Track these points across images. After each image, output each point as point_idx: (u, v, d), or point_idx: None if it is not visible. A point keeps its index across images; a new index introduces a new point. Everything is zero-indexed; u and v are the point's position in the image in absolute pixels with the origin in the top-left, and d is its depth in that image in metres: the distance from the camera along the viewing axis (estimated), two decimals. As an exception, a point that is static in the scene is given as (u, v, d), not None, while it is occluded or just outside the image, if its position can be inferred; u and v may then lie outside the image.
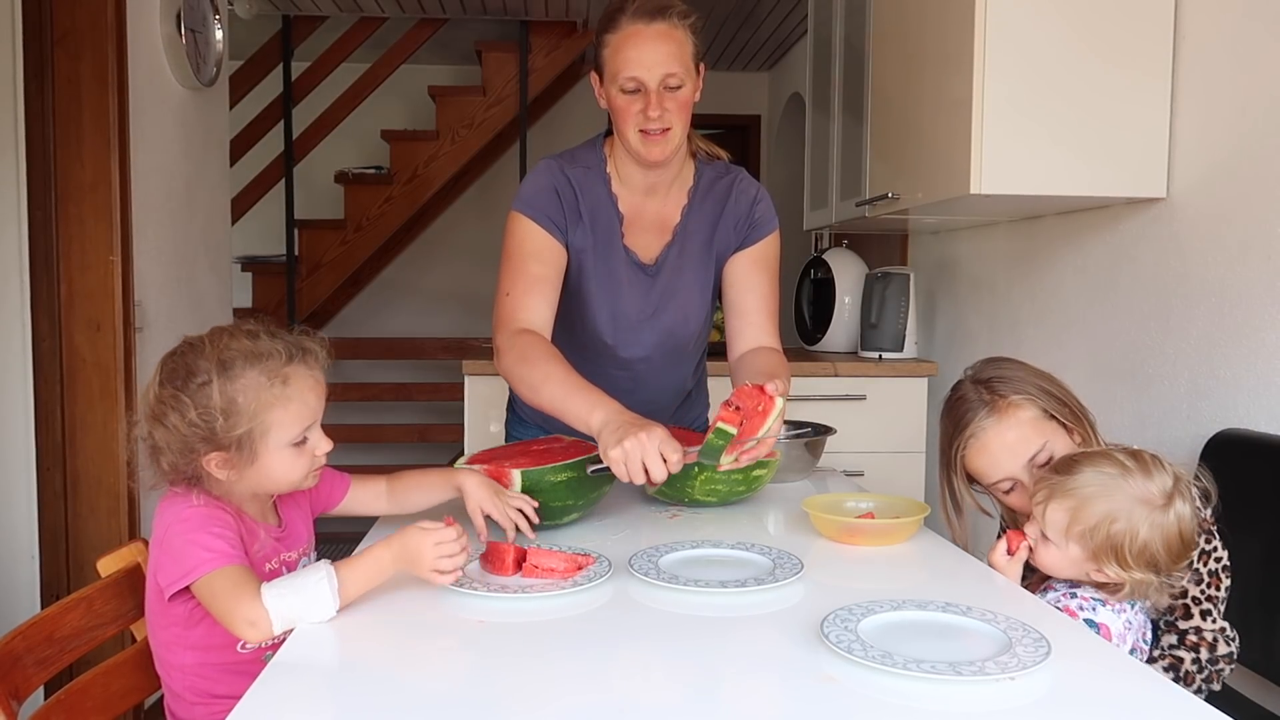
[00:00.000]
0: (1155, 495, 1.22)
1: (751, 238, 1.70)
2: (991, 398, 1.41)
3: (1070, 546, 1.25)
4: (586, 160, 1.67)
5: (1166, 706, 0.88)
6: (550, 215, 1.62)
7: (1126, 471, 1.24)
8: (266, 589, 1.07)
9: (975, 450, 1.42)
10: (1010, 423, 1.39)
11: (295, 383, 1.18)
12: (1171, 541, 1.22)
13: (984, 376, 1.45)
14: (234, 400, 1.14)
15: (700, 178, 1.70)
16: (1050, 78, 1.93)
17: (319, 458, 1.23)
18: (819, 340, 3.29)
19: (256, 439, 1.16)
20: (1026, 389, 1.41)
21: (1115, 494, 1.23)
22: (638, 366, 1.72)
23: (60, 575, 2.46)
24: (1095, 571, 1.24)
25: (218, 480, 1.19)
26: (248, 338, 1.18)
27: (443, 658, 1.00)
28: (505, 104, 4.61)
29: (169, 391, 1.16)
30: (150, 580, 1.20)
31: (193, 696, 1.21)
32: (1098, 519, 1.22)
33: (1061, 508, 1.25)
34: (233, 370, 1.15)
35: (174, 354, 1.19)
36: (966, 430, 1.42)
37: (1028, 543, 1.29)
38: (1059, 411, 1.40)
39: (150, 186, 2.62)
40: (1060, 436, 1.40)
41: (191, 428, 1.14)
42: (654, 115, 1.53)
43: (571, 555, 1.24)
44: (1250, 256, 1.72)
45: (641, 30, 1.51)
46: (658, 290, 1.69)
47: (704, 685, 0.93)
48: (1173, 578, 1.24)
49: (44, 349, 2.42)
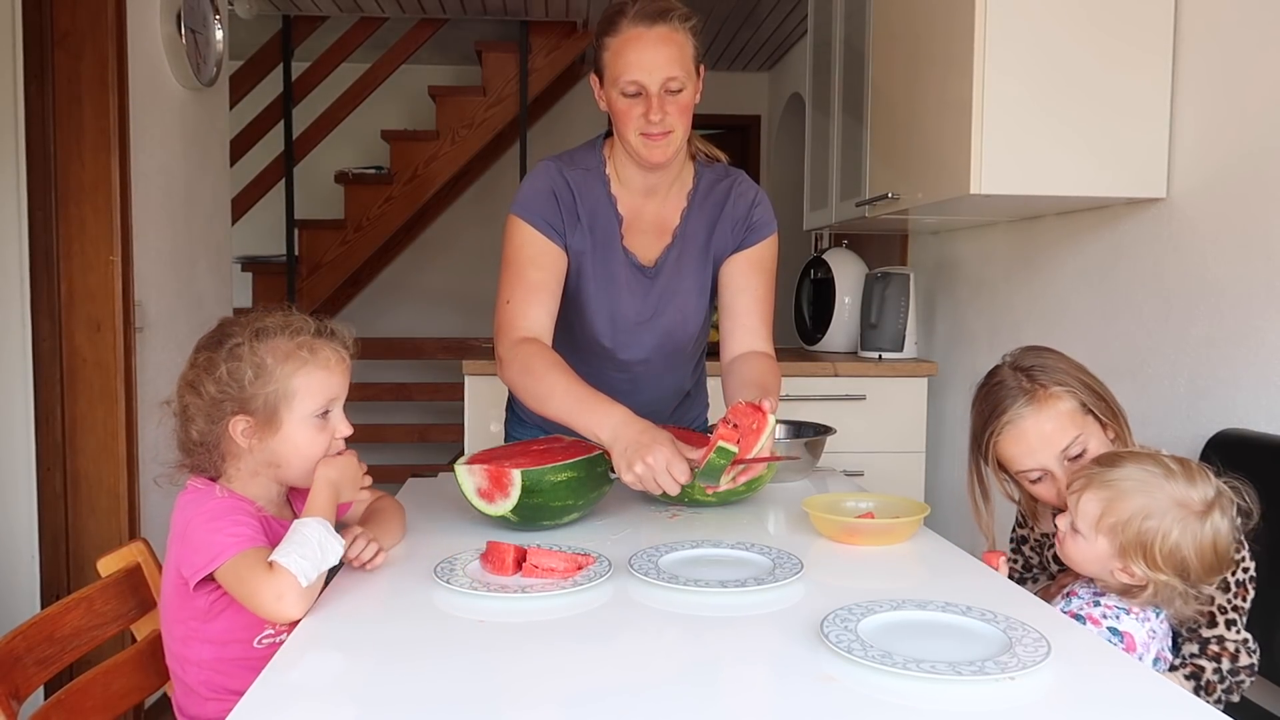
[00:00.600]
0: (1195, 502, 1.21)
1: (749, 240, 1.69)
2: (1031, 386, 1.40)
3: (1099, 540, 1.23)
4: (586, 162, 1.67)
5: (1166, 706, 0.88)
6: (548, 219, 1.62)
7: (1170, 473, 1.23)
8: (278, 555, 1.10)
9: (1010, 437, 1.40)
10: (1049, 413, 1.38)
11: (322, 353, 1.25)
12: (1205, 551, 1.20)
13: (1024, 364, 1.43)
14: (264, 361, 1.21)
15: (699, 180, 1.70)
16: (1050, 78, 1.93)
17: (338, 441, 1.27)
18: (819, 340, 3.29)
19: (281, 404, 1.21)
20: (1067, 380, 1.40)
21: (1154, 492, 1.21)
22: (636, 368, 1.73)
23: (60, 575, 2.46)
24: (1120, 570, 1.22)
25: (237, 456, 1.23)
26: (281, 313, 1.26)
27: (443, 657, 1.00)
28: (505, 104, 4.61)
29: (204, 356, 1.23)
30: (170, 573, 1.20)
31: (207, 691, 1.21)
32: (1131, 513, 1.21)
33: (1097, 498, 1.24)
34: (265, 335, 1.22)
35: (213, 329, 1.27)
36: (1003, 416, 1.40)
37: (1006, 559, 1.30)
38: (1096, 406, 1.39)
39: (150, 186, 2.62)
40: (1096, 431, 1.39)
41: (222, 388, 1.20)
42: (655, 119, 1.53)
43: (571, 555, 1.24)
44: (1250, 256, 1.72)
45: (643, 34, 1.51)
46: (656, 292, 1.69)
47: (704, 685, 0.93)
48: (1200, 590, 1.22)
49: (44, 349, 2.42)
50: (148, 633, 1.31)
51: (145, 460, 2.57)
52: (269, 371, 1.20)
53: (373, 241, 4.67)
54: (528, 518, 1.42)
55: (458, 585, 1.16)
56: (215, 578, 1.14)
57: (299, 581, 1.08)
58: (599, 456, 1.49)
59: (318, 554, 1.11)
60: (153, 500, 2.63)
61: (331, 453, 1.27)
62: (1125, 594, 1.25)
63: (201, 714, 1.22)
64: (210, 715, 1.21)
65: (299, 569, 1.08)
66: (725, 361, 1.70)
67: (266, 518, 1.23)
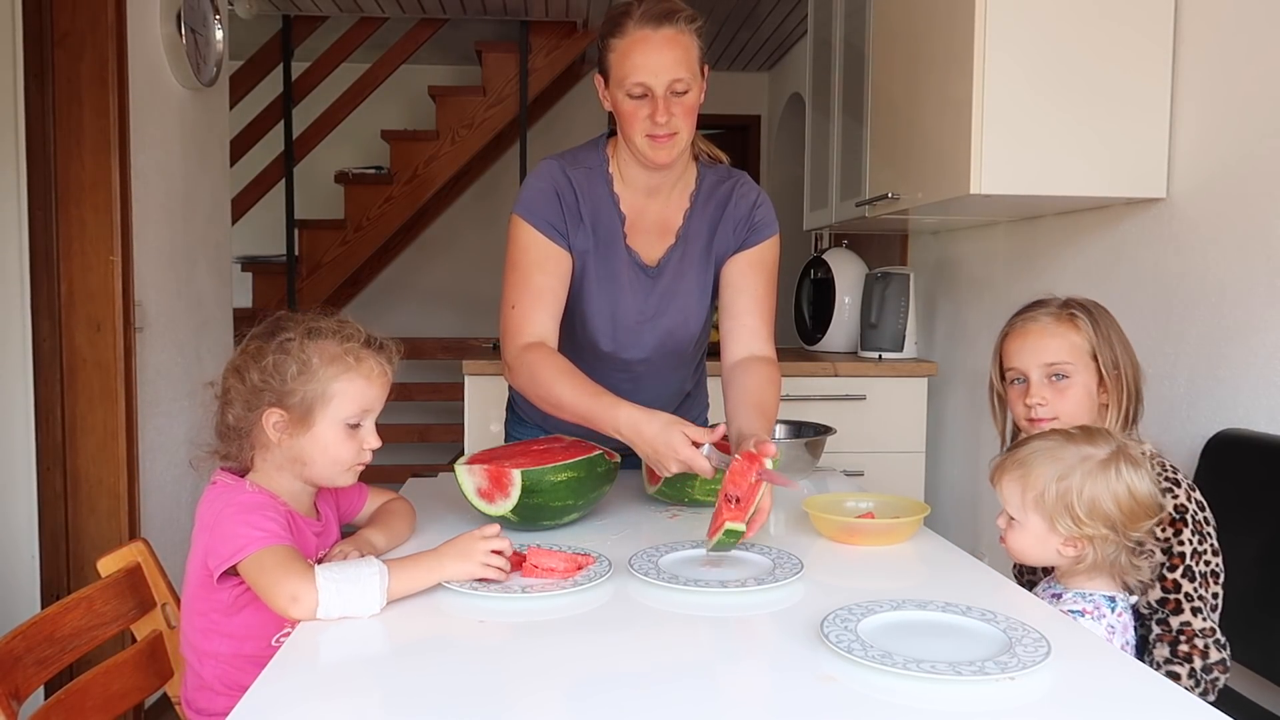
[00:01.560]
0: (1099, 454, 1.26)
1: (751, 240, 1.69)
2: (1062, 310, 1.49)
3: (1030, 518, 1.27)
4: (588, 161, 1.67)
5: (1166, 706, 0.88)
6: (551, 220, 1.62)
7: (1070, 438, 1.29)
8: (321, 570, 1.10)
9: (1017, 332, 1.51)
10: (1058, 330, 1.48)
11: (366, 363, 1.26)
12: (1122, 498, 1.24)
13: (1075, 299, 1.52)
14: (309, 359, 1.23)
15: (702, 181, 1.70)
16: (1050, 78, 1.93)
17: (365, 452, 1.28)
18: (819, 340, 3.29)
19: (317, 404, 1.23)
20: (1094, 326, 1.47)
21: (1060, 455, 1.27)
22: (637, 368, 1.73)
23: (60, 575, 2.46)
24: (1062, 544, 1.26)
25: (266, 448, 1.24)
26: (336, 318, 1.29)
27: (443, 657, 1.00)
28: (505, 104, 4.61)
29: (254, 344, 1.25)
30: (195, 564, 1.21)
31: (221, 686, 1.22)
32: (1044, 480, 1.25)
33: (1012, 478, 1.29)
34: (316, 335, 1.25)
35: (269, 319, 1.28)
36: (1024, 314, 1.51)
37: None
38: (1106, 363, 1.46)
39: (150, 186, 2.62)
40: (1088, 379, 1.46)
41: (264, 378, 1.22)
42: (661, 120, 1.53)
43: (571, 555, 1.24)
44: (1250, 256, 1.72)
45: (649, 36, 1.51)
46: (658, 292, 1.69)
47: (704, 685, 0.93)
48: (1133, 539, 1.25)
49: (44, 349, 2.42)
50: (148, 633, 1.31)
51: (145, 460, 2.58)
52: (313, 370, 1.22)
53: (373, 241, 4.67)
54: (528, 518, 1.42)
55: (458, 585, 1.16)
56: (239, 570, 1.14)
57: (320, 603, 1.08)
58: (599, 456, 1.49)
59: (354, 598, 1.09)
60: (153, 500, 2.63)
61: (359, 461, 1.28)
62: (1077, 571, 1.27)
63: (210, 708, 1.23)
64: (219, 709, 1.21)
65: (326, 595, 1.08)
66: (726, 365, 1.68)
67: (293, 515, 1.24)
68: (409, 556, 1.18)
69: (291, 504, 1.26)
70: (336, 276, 4.68)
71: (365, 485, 1.43)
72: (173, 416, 2.74)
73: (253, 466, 1.26)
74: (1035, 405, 1.48)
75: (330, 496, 1.37)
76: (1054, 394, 1.47)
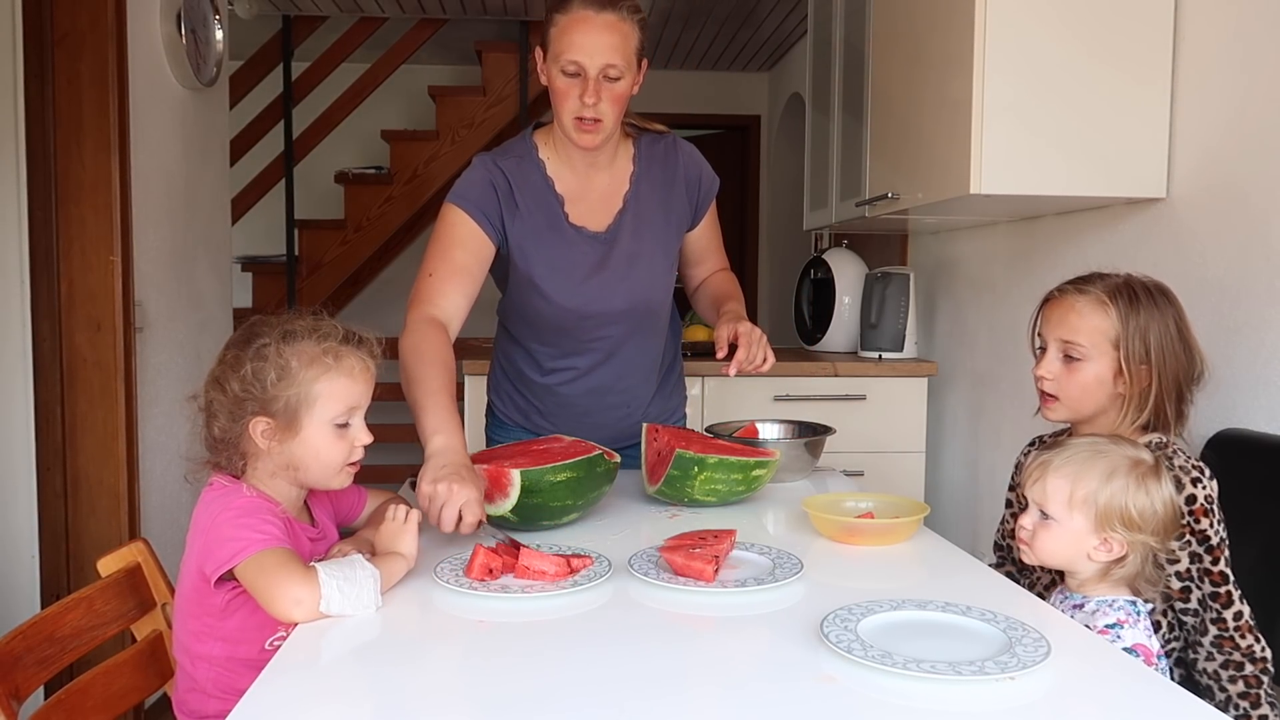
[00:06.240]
0: (1146, 460, 1.24)
1: (704, 204, 1.82)
2: (1107, 290, 1.44)
3: (1074, 518, 1.22)
4: (517, 151, 1.71)
5: (1166, 706, 0.88)
6: (484, 209, 1.65)
7: (1115, 440, 1.27)
8: (322, 568, 1.10)
9: (1053, 300, 1.49)
10: (1088, 310, 1.43)
11: (346, 361, 1.25)
12: (1168, 506, 1.22)
13: (1138, 280, 1.47)
14: (288, 364, 1.21)
15: (639, 146, 1.75)
16: (1050, 78, 1.93)
17: (357, 449, 1.27)
18: (819, 340, 3.29)
19: (302, 408, 1.21)
20: (1133, 315, 1.41)
21: (1109, 454, 1.23)
22: (608, 336, 1.74)
23: (60, 575, 2.46)
24: (1099, 545, 1.21)
25: (257, 456, 1.23)
26: (312, 317, 1.26)
27: (442, 657, 1.00)
28: (505, 104, 4.61)
29: (232, 353, 1.23)
30: (189, 567, 1.20)
31: (215, 689, 1.22)
32: (1098, 478, 1.21)
33: (1061, 475, 1.24)
34: (292, 338, 1.23)
35: (244, 326, 1.27)
36: (1075, 283, 1.48)
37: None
38: (1130, 356, 1.40)
39: (150, 186, 2.62)
40: (1104, 366, 1.41)
41: (245, 387, 1.20)
42: (589, 101, 1.56)
43: (563, 557, 1.23)
44: (1250, 256, 1.72)
45: (590, 17, 1.55)
46: (616, 257, 1.71)
47: (703, 685, 0.93)
48: (1169, 550, 1.24)
49: (44, 349, 2.42)
50: (148, 633, 1.31)
51: (145, 460, 2.58)
52: (292, 374, 1.21)
53: (373, 241, 4.67)
54: (527, 518, 1.42)
55: (457, 585, 1.16)
56: (235, 574, 1.14)
57: (321, 605, 1.08)
58: (599, 456, 1.49)
59: (355, 598, 1.10)
60: (153, 500, 2.63)
61: (351, 460, 1.27)
62: (1098, 578, 1.24)
63: (203, 710, 1.23)
64: (212, 712, 1.21)
65: (329, 594, 1.08)
66: (692, 289, 1.92)
67: (289, 519, 1.24)
68: (382, 557, 1.20)
69: (288, 509, 1.26)
70: (336, 276, 4.68)
71: (364, 488, 1.43)
72: (173, 416, 2.74)
73: (246, 473, 1.25)
74: (1042, 378, 1.45)
75: (327, 501, 1.37)
76: (1064, 371, 1.44)
